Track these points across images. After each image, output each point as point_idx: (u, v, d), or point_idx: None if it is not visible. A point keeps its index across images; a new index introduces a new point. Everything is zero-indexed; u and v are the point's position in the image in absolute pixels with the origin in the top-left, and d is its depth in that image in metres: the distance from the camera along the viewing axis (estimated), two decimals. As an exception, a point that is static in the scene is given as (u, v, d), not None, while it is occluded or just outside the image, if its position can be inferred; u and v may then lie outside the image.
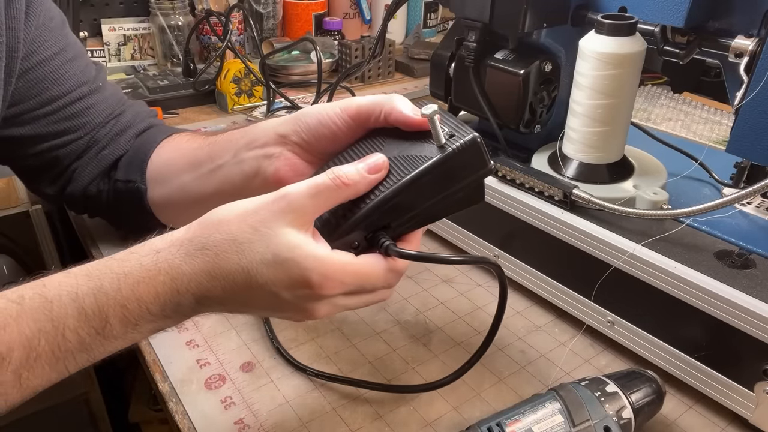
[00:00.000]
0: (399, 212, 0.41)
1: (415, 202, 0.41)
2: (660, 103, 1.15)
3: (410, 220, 0.42)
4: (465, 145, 0.40)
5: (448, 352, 0.56)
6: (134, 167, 0.60)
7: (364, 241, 0.41)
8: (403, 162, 0.41)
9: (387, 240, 0.40)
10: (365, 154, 0.43)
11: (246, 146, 0.51)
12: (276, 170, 0.48)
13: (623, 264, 0.51)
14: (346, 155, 0.45)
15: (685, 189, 0.62)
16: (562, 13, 0.61)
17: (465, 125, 0.41)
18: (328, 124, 0.46)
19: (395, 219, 0.41)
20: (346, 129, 0.46)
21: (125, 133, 0.62)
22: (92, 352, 0.38)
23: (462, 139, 0.40)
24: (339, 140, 0.46)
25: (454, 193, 0.42)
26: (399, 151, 0.42)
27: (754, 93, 0.48)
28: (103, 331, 0.37)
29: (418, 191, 0.40)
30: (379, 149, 0.43)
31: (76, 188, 0.62)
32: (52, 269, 0.39)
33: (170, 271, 0.38)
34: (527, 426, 0.42)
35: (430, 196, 0.41)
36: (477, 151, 0.40)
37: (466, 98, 0.70)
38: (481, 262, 0.47)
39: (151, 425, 1.17)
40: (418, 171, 0.39)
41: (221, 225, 0.39)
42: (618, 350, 0.56)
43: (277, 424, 0.48)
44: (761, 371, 0.45)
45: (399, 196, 0.40)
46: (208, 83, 1.08)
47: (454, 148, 0.40)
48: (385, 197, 0.40)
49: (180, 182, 0.57)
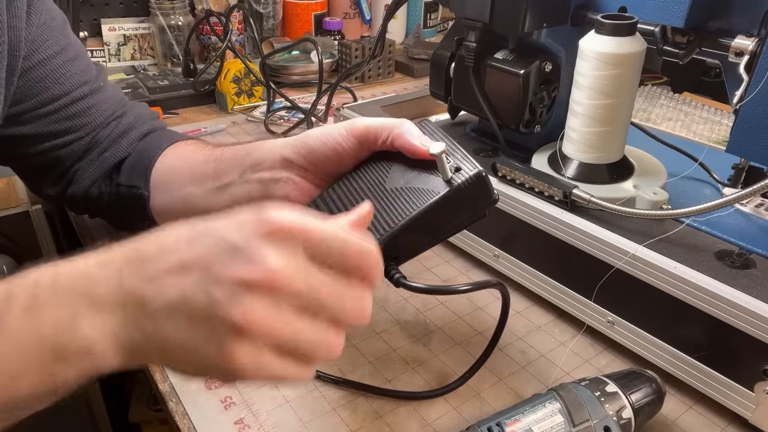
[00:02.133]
0: (408, 244, 0.42)
1: (422, 234, 0.42)
2: (660, 103, 1.15)
3: (420, 248, 0.43)
4: (471, 180, 0.41)
5: (448, 352, 0.56)
6: (138, 173, 0.60)
7: None
8: (410, 195, 0.42)
9: (397, 273, 0.41)
10: (369, 180, 0.45)
11: (251, 168, 0.51)
12: (286, 195, 0.49)
13: (624, 265, 0.51)
14: (352, 179, 0.46)
15: (685, 189, 0.62)
16: (562, 13, 0.61)
17: (470, 157, 0.42)
18: (333, 146, 0.47)
19: (402, 251, 0.42)
20: (351, 150, 0.47)
21: (127, 135, 0.62)
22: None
23: (468, 174, 0.41)
24: (344, 161, 0.47)
25: (460, 223, 0.43)
26: (405, 181, 0.43)
27: (754, 93, 0.48)
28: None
29: (425, 224, 0.41)
30: (384, 177, 0.44)
31: (77, 190, 0.62)
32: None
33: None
34: (527, 426, 0.42)
35: (437, 227, 0.42)
36: (482, 185, 0.42)
37: (466, 98, 0.70)
38: (488, 286, 0.48)
39: (151, 425, 1.17)
40: (425, 207, 0.40)
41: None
42: (618, 350, 0.56)
43: (277, 424, 0.48)
44: (761, 371, 0.45)
45: (407, 230, 0.41)
46: (208, 83, 1.09)
47: (460, 183, 0.41)
48: (393, 232, 0.40)
49: (184, 193, 0.57)
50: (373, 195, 0.43)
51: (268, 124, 1.01)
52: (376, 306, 0.62)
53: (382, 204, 0.42)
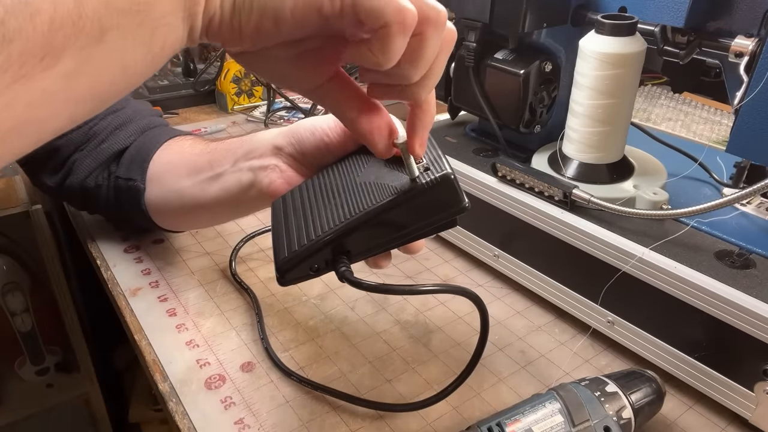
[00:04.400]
0: (362, 240, 0.39)
1: (381, 232, 0.39)
2: (660, 103, 1.15)
3: (377, 247, 0.40)
4: (435, 181, 0.37)
5: (448, 352, 0.56)
6: (136, 166, 0.61)
7: (323, 264, 0.40)
8: (374, 190, 0.39)
9: (344, 266, 0.39)
10: (345, 173, 0.43)
11: (244, 156, 0.52)
12: (271, 182, 0.49)
13: (631, 269, 0.51)
14: (331, 170, 0.45)
15: (685, 189, 0.62)
16: (562, 13, 0.61)
17: (446, 159, 0.39)
18: (320, 136, 0.47)
19: (357, 246, 0.39)
20: (338, 141, 0.47)
21: (125, 127, 0.63)
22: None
23: (434, 175, 0.37)
24: (332, 152, 0.47)
25: (424, 226, 0.39)
26: (376, 176, 0.40)
27: (754, 93, 0.48)
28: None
29: (382, 222, 0.38)
30: (360, 170, 0.42)
31: (74, 180, 0.63)
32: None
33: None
34: (527, 426, 0.42)
35: (396, 227, 0.39)
36: (450, 189, 0.38)
37: (466, 98, 0.70)
38: (454, 291, 0.41)
39: (151, 425, 1.17)
40: (382, 203, 0.38)
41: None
42: (618, 350, 0.56)
43: (277, 424, 0.48)
44: (761, 371, 0.45)
45: (362, 225, 0.38)
46: (208, 83, 1.09)
47: (423, 183, 0.37)
48: (346, 225, 0.38)
49: (178, 187, 0.57)
50: (343, 188, 0.42)
51: (268, 124, 1.01)
52: (377, 306, 0.62)
53: (347, 197, 0.40)
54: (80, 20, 0.24)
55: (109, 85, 0.27)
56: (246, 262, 0.68)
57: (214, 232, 0.73)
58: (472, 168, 0.65)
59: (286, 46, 0.33)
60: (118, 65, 0.27)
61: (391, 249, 0.42)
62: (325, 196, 0.42)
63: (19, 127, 0.24)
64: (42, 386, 1.04)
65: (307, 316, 0.60)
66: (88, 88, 0.26)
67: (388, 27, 0.30)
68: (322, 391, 0.51)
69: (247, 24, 0.30)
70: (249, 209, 0.57)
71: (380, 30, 0.30)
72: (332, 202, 0.41)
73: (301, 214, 0.42)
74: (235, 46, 0.32)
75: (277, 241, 0.42)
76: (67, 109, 0.26)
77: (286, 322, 0.59)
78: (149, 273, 0.66)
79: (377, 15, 0.29)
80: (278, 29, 0.30)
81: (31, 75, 0.23)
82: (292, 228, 0.41)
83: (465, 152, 0.69)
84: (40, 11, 0.22)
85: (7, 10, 0.22)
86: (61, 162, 0.63)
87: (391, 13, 0.29)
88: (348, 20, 0.30)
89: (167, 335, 0.57)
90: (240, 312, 0.60)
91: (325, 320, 0.60)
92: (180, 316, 0.59)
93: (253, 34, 0.31)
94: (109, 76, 0.27)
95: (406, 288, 0.39)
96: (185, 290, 0.63)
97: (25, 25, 0.22)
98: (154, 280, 0.64)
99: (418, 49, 0.32)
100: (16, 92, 0.23)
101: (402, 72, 0.33)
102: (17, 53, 0.22)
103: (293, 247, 0.39)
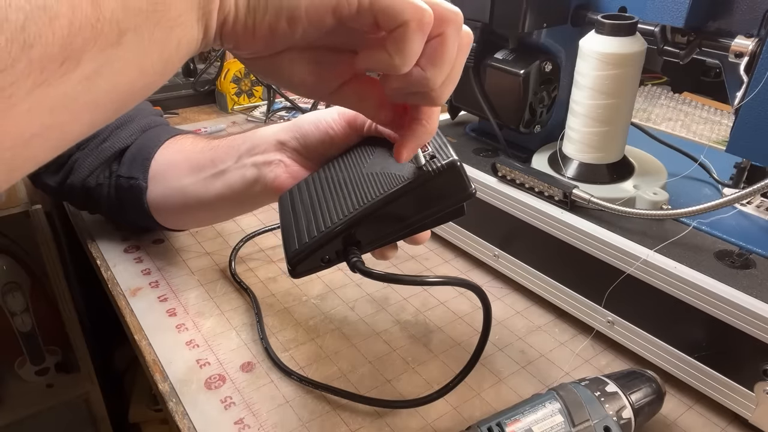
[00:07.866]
0: (372, 230, 0.40)
1: (390, 221, 0.40)
2: (660, 103, 1.15)
3: (386, 236, 0.41)
4: (442, 169, 0.38)
5: (448, 352, 0.56)
6: (137, 164, 0.61)
7: (334, 255, 0.40)
8: (382, 179, 0.40)
9: (356, 257, 0.39)
10: (351, 164, 0.44)
11: (247, 152, 0.52)
12: (276, 177, 0.49)
13: (636, 271, 0.51)
14: (336, 162, 0.45)
15: (685, 189, 0.62)
16: (562, 13, 0.61)
17: (449, 148, 0.40)
18: (324, 130, 0.47)
19: (367, 236, 0.40)
20: (342, 134, 0.47)
21: (126, 126, 0.63)
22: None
23: (440, 162, 0.38)
24: (336, 145, 0.47)
25: (432, 214, 0.40)
26: (382, 166, 0.41)
27: (754, 93, 0.48)
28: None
29: (391, 211, 0.39)
30: (366, 161, 0.43)
31: (76, 179, 0.63)
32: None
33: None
34: (527, 426, 0.42)
35: (404, 216, 0.40)
36: (456, 176, 0.38)
37: (466, 98, 0.70)
38: (459, 284, 0.42)
39: (151, 425, 1.17)
40: (391, 192, 0.38)
41: None
42: (618, 350, 0.56)
43: (277, 424, 0.48)
44: (761, 371, 0.45)
45: (372, 215, 0.39)
46: (208, 83, 1.09)
47: (430, 170, 0.38)
48: (355, 215, 0.39)
49: (180, 185, 0.57)
50: (350, 179, 0.42)
51: (268, 124, 1.01)
52: (377, 306, 0.62)
53: (355, 187, 0.41)
54: (98, 23, 0.24)
55: (127, 87, 0.27)
56: (246, 262, 0.68)
57: (214, 232, 0.73)
58: (472, 168, 0.65)
59: (298, 51, 0.33)
60: (136, 67, 0.27)
61: (400, 239, 0.42)
62: (333, 187, 0.43)
63: (42, 132, 0.24)
64: (42, 386, 1.04)
65: (307, 316, 0.60)
66: (107, 91, 0.26)
67: (406, 26, 0.30)
68: (322, 390, 0.51)
69: (261, 24, 0.30)
70: (253, 205, 0.57)
71: (397, 30, 0.30)
72: (340, 194, 0.41)
73: (310, 206, 0.42)
74: (248, 48, 0.32)
75: (286, 234, 0.42)
76: (87, 113, 0.26)
77: (286, 322, 0.59)
78: (149, 273, 0.66)
79: (395, 14, 0.29)
80: (292, 30, 0.30)
81: (52, 80, 0.23)
82: (301, 221, 0.41)
83: (465, 152, 0.69)
84: (59, 16, 0.22)
85: (26, 15, 0.21)
86: (62, 161, 0.63)
87: (409, 12, 0.29)
88: (364, 20, 0.30)
89: (167, 335, 0.57)
90: (240, 312, 0.61)
91: (325, 320, 0.60)
92: (180, 316, 0.59)
93: (267, 34, 0.30)
94: (128, 79, 0.27)
95: (413, 278, 0.40)
96: (185, 290, 0.63)
97: (44, 30, 0.22)
98: (154, 280, 0.64)
99: (439, 49, 0.32)
100: (38, 97, 0.23)
101: (425, 75, 0.32)
102: (38, 58, 0.22)
103: (303, 240, 0.40)
